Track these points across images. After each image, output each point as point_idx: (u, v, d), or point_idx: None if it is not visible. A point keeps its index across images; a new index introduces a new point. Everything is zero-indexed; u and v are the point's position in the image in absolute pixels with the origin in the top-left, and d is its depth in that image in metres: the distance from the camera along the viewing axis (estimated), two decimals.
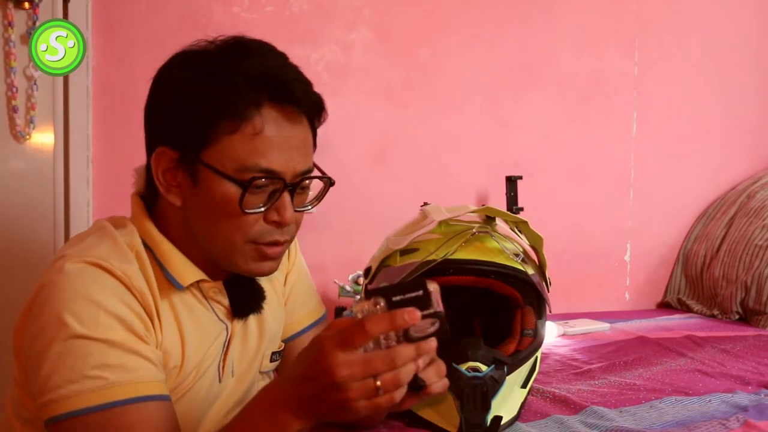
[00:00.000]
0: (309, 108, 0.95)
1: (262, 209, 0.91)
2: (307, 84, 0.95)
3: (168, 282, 0.95)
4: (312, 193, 1.01)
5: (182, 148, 0.92)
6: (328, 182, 1.00)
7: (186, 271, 0.96)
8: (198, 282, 0.98)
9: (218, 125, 0.89)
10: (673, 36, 2.26)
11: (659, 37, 2.24)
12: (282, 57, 0.96)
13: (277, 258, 0.97)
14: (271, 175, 0.90)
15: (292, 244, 1.22)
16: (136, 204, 1.00)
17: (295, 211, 0.94)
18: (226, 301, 1.01)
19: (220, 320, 1.02)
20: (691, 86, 2.30)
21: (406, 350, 0.74)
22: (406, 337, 0.74)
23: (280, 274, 1.16)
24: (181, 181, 0.93)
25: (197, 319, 0.98)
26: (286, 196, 0.92)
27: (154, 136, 0.96)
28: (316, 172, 0.98)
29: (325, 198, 1.02)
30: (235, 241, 0.93)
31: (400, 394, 0.76)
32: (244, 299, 1.03)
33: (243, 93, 0.89)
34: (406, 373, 0.75)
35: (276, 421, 0.78)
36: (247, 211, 0.90)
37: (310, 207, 1.00)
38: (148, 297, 0.91)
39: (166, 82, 0.95)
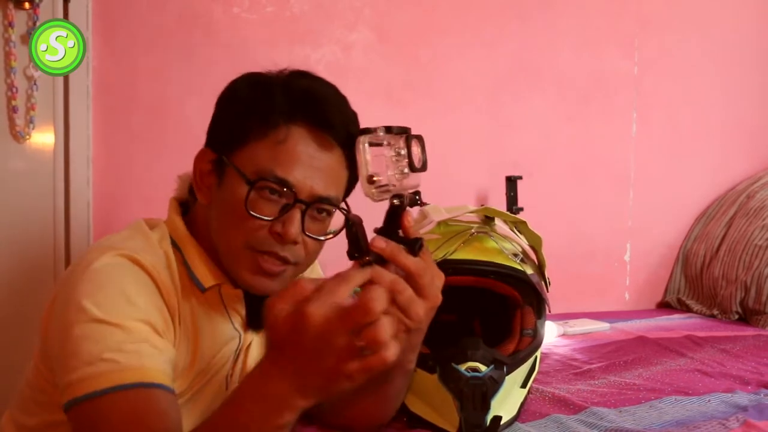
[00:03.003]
0: (343, 138, 0.94)
1: (269, 219, 0.91)
2: (346, 116, 0.95)
3: (191, 283, 0.96)
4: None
5: (218, 149, 0.96)
6: (348, 221, 0.93)
7: (209, 273, 0.97)
8: (220, 288, 0.99)
9: (250, 130, 0.92)
10: (673, 36, 2.27)
11: (659, 37, 2.24)
12: (331, 86, 0.97)
13: (274, 277, 0.94)
14: (282, 184, 0.90)
15: None
16: (172, 206, 1.03)
17: (307, 235, 0.93)
18: (243, 311, 1.02)
19: (235, 329, 1.02)
20: (691, 86, 2.30)
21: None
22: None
23: None
24: (212, 182, 0.96)
25: (212, 323, 0.99)
26: (296, 212, 0.91)
27: (206, 140, 1.00)
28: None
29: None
30: (236, 243, 0.92)
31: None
32: (261, 312, 1.02)
33: (278, 103, 0.92)
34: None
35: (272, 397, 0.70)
36: (251, 213, 0.90)
37: (322, 237, 0.96)
38: (172, 294, 0.92)
39: (224, 93, 0.99)
